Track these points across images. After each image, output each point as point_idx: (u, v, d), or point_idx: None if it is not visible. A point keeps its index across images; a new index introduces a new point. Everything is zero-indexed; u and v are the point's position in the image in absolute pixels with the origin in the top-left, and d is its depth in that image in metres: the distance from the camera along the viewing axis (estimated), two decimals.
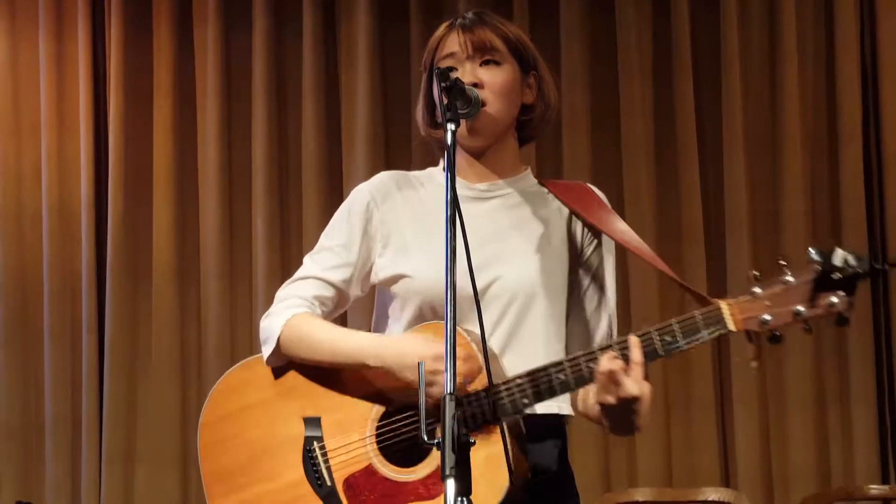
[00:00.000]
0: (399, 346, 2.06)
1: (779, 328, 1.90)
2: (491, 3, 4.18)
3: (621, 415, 1.93)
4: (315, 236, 4.11)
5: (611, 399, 1.91)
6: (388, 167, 4.14)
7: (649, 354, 1.95)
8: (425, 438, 1.75)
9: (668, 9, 4.17)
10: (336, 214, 2.28)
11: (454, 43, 2.17)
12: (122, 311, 4.22)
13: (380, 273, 2.20)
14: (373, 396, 2.10)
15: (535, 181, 2.27)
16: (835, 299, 1.85)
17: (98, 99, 4.32)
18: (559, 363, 1.99)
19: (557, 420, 2.16)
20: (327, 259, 2.23)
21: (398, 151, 4.23)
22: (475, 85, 2.12)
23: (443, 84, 1.97)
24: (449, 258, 1.82)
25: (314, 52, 4.25)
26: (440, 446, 1.69)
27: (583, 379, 1.97)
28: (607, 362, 1.91)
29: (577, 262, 2.20)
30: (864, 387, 4.03)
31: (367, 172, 4.14)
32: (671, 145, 4.16)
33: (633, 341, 1.92)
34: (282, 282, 4.24)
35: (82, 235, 4.24)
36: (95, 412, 4.19)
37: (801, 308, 1.88)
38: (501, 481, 1.92)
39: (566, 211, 2.22)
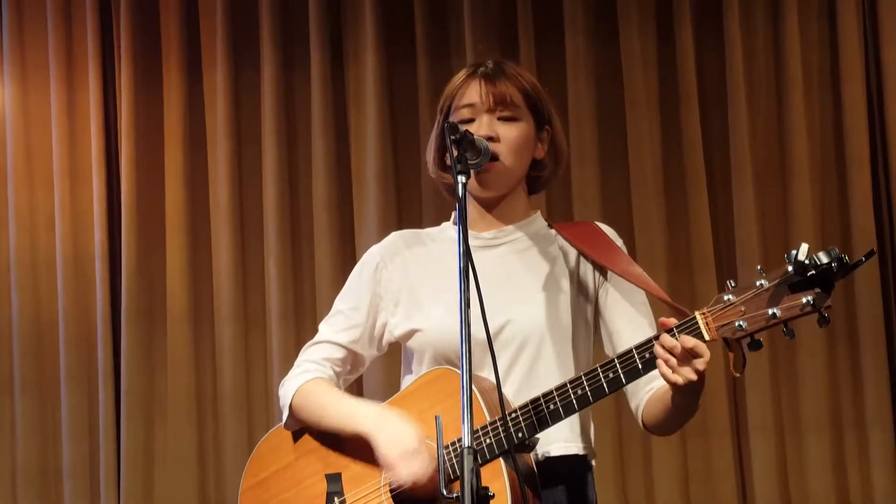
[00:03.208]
0: (384, 425, 2.11)
1: (755, 333, 1.89)
2: (496, 41, 4.22)
3: (695, 390, 1.97)
4: (327, 277, 4.22)
5: (691, 375, 1.92)
6: (399, 206, 4.24)
7: (629, 374, 1.99)
8: (444, 493, 1.78)
9: (672, 40, 4.19)
10: (349, 277, 2.34)
11: (475, 93, 2.20)
12: (138, 356, 4.23)
13: (394, 331, 2.25)
14: None
15: (545, 224, 2.31)
16: (809, 298, 1.84)
17: (110, 146, 4.34)
18: (548, 393, 2.03)
19: (580, 461, 2.18)
20: (338, 322, 2.31)
21: (408, 190, 4.26)
22: (490, 138, 2.15)
23: (452, 137, 1.99)
24: (463, 309, 1.85)
25: (322, 93, 4.27)
26: (460, 500, 1.72)
27: (571, 405, 2.00)
28: (681, 344, 1.92)
29: (594, 300, 2.23)
30: (880, 410, 4.03)
31: (377, 212, 4.17)
32: (680, 176, 4.17)
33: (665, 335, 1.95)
34: (295, 323, 4.33)
35: (97, 282, 4.26)
36: (113, 457, 4.20)
37: (775, 310, 1.86)
38: None
39: (574, 252, 2.25)
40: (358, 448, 2.16)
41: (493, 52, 4.14)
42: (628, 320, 2.21)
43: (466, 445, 1.75)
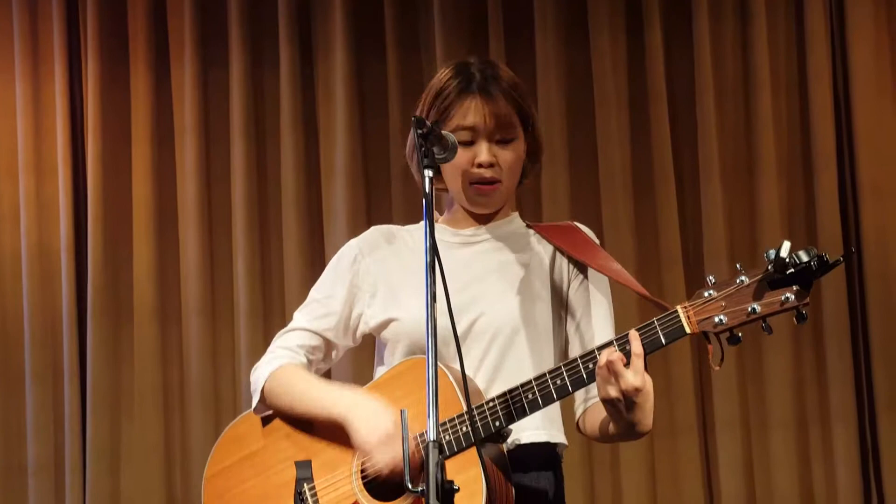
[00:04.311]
0: (361, 411, 2.11)
1: (735, 328, 1.95)
2: (466, 40, 4.23)
3: (626, 411, 1.99)
4: (295, 273, 4.22)
5: (613, 392, 1.96)
6: (368, 202, 4.24)
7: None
8: (409, 486, 1.79)
9: (641, 38, 4.21)
10: (326, 268, 2.35)
11: (474, 115, 2.18)
12: (104, 351, 4.21)
13: (370, 322, 2.27)
14: None
15: (523, 224, 2.34)
16: (788, 295, 1.90)
17: (76, 140, 4.31)
18: (527, 383, 2.05)
19: (549, 450, 2.20)
20: (313, 310, 2.31)
21: (378, 186, 4.26)
22: (490, 165, 2.18)
23: (419, 131, 2.00)
24: (429, 303, 1.86)
25: (291, 89, 4.26)
26: (424, 494, 1.73)
27: (550, 395, 2.03)
28: (607, 355, 1.96)
29: (567, 296, 2.26)
30: (844, 408, 4.07)
31: (346, 208, 4.17)
32: (648, 174, 4.20)
33: (633, 334, 1.99)
34: (263, 319, 4.33)
35: (62, 277, 4.23)
36: (79, 454, 4.17)
37: (754, 306, 1.92)
38: None
39: (550, 249, 2.28)
40: (329, 434, 2.16)
41: (463, 49, 4.16)
42: (597, 315, 2.25)
43: (431, 439, 1.76)
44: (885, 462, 4.04)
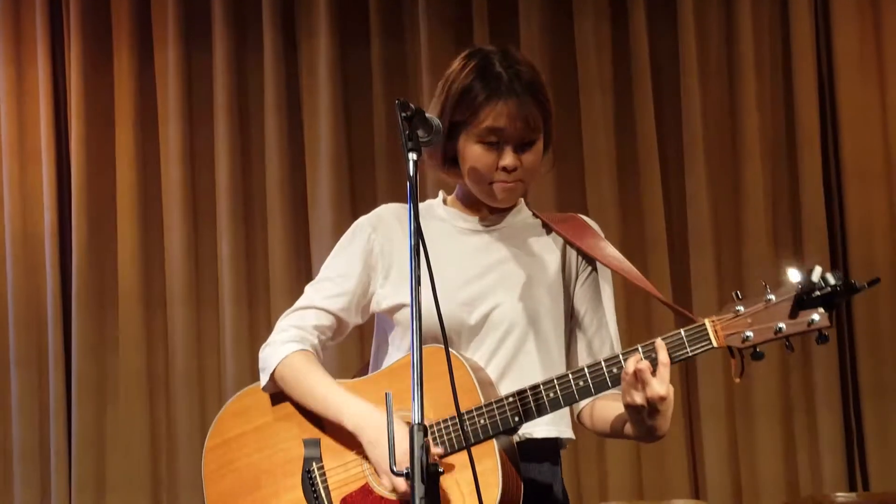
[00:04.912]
0: (374, 421, 2.08)
1: (760, 345, 1.99)
2: (451, 23, 4.22)
3: (648, 417, 2.00)
4: (280, 258, 4.21)
5: (639, 399, 1.98)
6: (353, 187, 4.23)
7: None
8: (394, 469, 1.79)
9: (626, 22, 4.22)
10: (337, 245, 2.31)
11: (508, 120, 2.14)
12: (89, 337, 4.20)
13: (382, 303, 2.24)
14: None
15: (531, 213, 2.32)
16: (815, 316, 1.95)
17: (59, 125, 4.30)
18: (549, 381, 2.07)
19: (556, 444, 2.22)
20: (327, 288, 2.27)
21: (361, 170, 4.26)
22: (514, 169, 2.16)
23: (403, 114, 1.98)
24: (413, 286, 1.85)
25: (275, 74, 4.26)
26: (409, 476, 1.73)
27: (572, 395, 2.05)
28: (634, 363, 1.98)
29: (574, 289, 2.26)
30: (829, 396, 4.08)
31: (331, 192, 4.17)
32: (633, 158, 4.20)
33: (659, 344, 2.01)
34: (248, 304, 4.32)
35: (46, 262, 4.22)
36: (64, 440, 4.17)
37: (781, 325, 1.96)
38: (490, 499, 1.98)
39: (560, 240, 2.27)
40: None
41: (447, 34, 4.16)
42: (606, 308, 2.25)
43: (416, 423, 1.76)
44: (870, 448, 4.07)
